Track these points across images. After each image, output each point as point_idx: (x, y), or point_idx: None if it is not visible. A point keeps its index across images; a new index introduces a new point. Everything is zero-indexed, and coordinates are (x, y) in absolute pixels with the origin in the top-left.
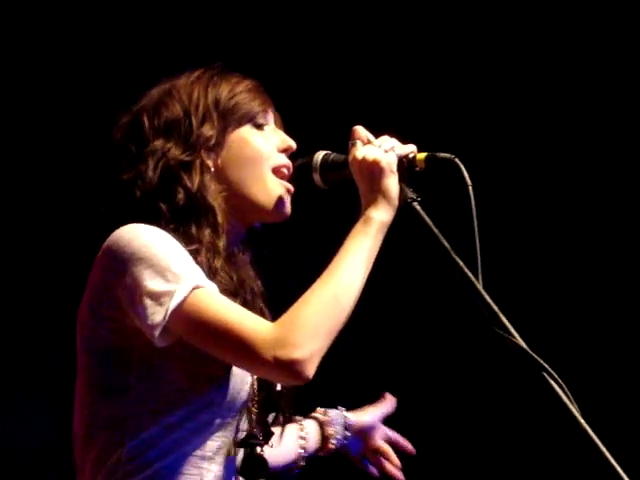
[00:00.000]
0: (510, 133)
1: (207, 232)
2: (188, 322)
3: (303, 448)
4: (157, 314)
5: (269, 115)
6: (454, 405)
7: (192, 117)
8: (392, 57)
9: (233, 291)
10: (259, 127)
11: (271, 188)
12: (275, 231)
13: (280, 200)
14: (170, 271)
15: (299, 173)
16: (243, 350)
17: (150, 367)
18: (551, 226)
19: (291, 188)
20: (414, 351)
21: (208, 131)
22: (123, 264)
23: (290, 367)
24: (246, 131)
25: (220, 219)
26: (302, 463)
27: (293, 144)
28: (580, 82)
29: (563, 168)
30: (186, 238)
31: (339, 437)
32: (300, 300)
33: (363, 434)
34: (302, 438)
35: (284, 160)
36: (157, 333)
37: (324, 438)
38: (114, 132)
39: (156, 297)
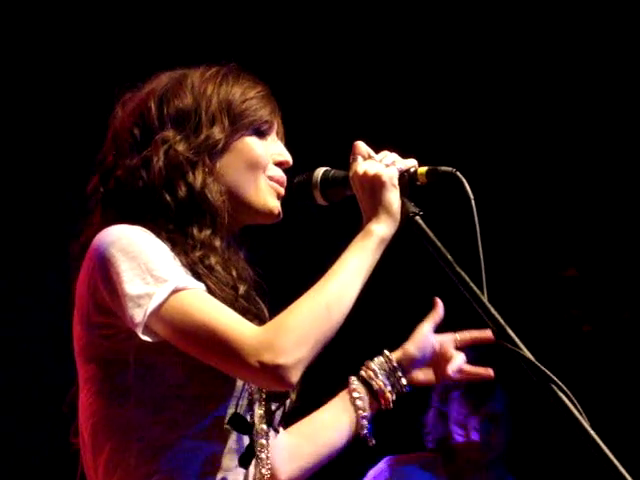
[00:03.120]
0: (511, 145)
1: (207, 232)
2: (168, 324)
3: (362, 409)
4: (136, 315)
5: (274, 125)
6: None
7: (203, 113)
8: (392, 73)
9: (232, 285)
10: (262, 136)
11: (264, 192)
12: (277, 246)
13: (273, 205)
14: (151, 273)
15: (299, 190)
16: (227, 353)
17: (146, 366)
18: (554, 236)
19: (282, 192)
20: None
21: (218, 134)
22: (105, 267)
23: (274, 372)
24: (250, 139)
25: (220, 219)
26: (366, 424)
27: (289, 159)
28: (582, 94)
29: (564, 180)
30: (184, 237)
31: (390, 386)
32: (290, 306)
33: (427, 360)
34: (358, 399)
35: (278, 173)
36: (140, 332)
37: (375, 393)
38: (115, 109)
39: (135, 299)
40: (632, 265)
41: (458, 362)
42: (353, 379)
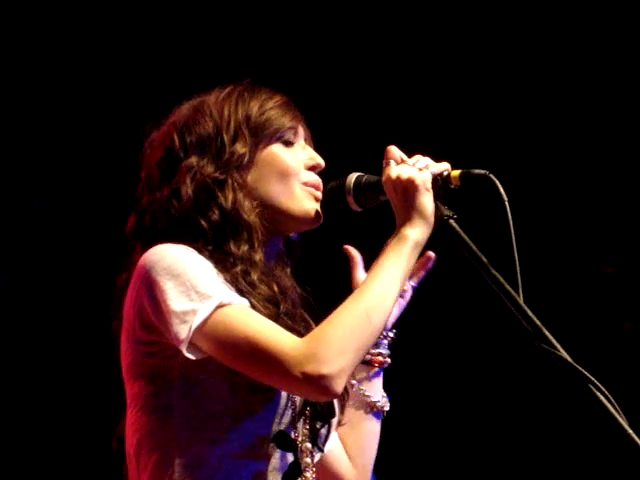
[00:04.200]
0: (547, 143)
1: (245, 248)
2: (212, 340)
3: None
4: (181, 332)
5: (299, 131)
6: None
7: (224, 134)
8: (425, 78)
9: (274, 301)
10: (288, 144)
11: (301, 198)
12: (314, 254)
13: (313, 210)
14: (195, 290)
15: (332, 196)
16: (271, 366)
17: (190, 383)
18: (592, 234)
19: (319, 195)
20: (456, 370)
21: (241, 149)
22: (150, 285)
23: (318, 383)
24: (276, 148)
25: (256, 234)
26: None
27: (322, 162)
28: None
29: (599, 177)
30: (224, 256)
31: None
32: (331, 316)
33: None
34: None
35: (313, 177)
36: (184, 348)
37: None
38: (144, 148)
39: (181, 315)
40: None
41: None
42: None
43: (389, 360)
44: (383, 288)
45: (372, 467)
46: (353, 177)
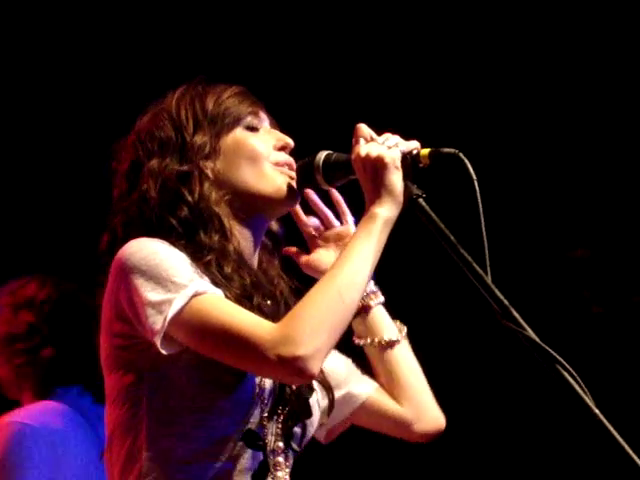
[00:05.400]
0: (515, 122)
1: (216, 238)
2: (188, 329)
3: None
4: (157, 323)
5: (261, 118)
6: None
7: (184, 132)
8: (392, 55)
9: (247, 294)
10: (253, 129)
11: (272, 176)
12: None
13: (288, 187)
14: (170, 280)
15: (301, 174)
16: (246, 351)
17: (160, 377)
18: (562, 216)
19: (293, 175)
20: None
21: (201, 139)
22: (126, 278)
23: (293, 365)
24: (239, 134)
25: (226, 223)
26: None
27: (290, 141)
28: (589, 73)
29: (571, 157)
30: (197, 248)
31: None
32: (304, 298)
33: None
34: None
35: (284, 157)
36: (158, 341)
37: None
38: (112, 168)
39: (157, 306)
40: None
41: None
42: None
43: (382, 297)
44: (355, 267)
45: (427, 392)
46: (322, 155)
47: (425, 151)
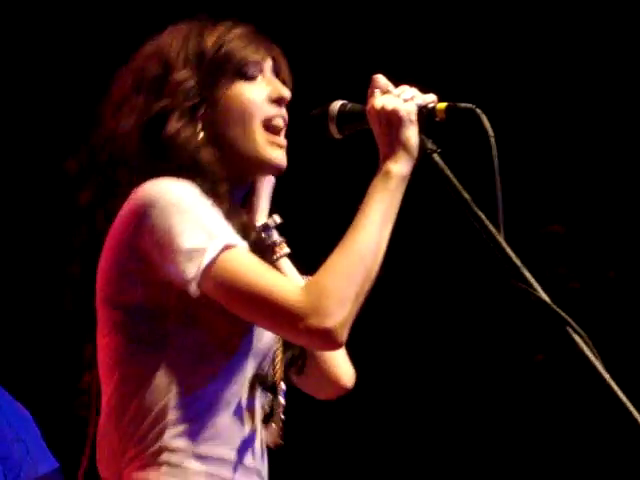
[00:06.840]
0: (532, 83)
1: (207, 185)
2: (218, 283)
3: None
4: (189, 270)
5: (266, 62)
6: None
7: (173, 71)
8: (415, 6)
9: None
10: (251, 79)
11: (261, 144)
12: (292, 182)
13: (274, 156)
14: (201, 228)
15: (315, 123)
16: (274, 317)
17: (188, 316)
18: (530, 193)
19: (283, 143)
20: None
21: (183, 76)
22: (152, 220)
23: (323, 335)
24: (236, 86)
25: (218, 172)
26: None
27: (286, 93)
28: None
29: (539, 133)
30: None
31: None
32: (326, 264)
33: None
34: None
35: (275, 110)
36: (192, 287)
37: None
38: (103, 107)
39: (188, 253)
40: (620, 221)
41: None
42: None
43: (287, 249)
44: (374, 229)
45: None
46: (337, 105)
47: (442, 105)
